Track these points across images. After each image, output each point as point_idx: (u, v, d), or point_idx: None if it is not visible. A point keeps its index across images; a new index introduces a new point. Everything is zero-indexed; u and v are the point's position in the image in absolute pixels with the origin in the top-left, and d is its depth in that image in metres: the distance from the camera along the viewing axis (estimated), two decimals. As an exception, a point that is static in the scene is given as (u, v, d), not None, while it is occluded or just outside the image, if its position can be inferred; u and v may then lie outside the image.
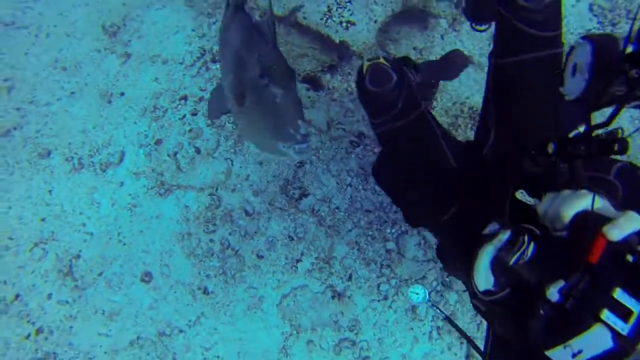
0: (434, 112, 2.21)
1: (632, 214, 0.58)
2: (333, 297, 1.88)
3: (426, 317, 1.89)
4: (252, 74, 0.97)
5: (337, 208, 2.00)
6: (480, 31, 1.46)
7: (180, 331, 1.87)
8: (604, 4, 2.80)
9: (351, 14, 2.13)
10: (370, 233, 1.95)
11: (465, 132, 2.13)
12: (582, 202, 0.63)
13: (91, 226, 2.01)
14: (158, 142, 2.19)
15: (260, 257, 1.98)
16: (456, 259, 1.08)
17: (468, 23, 1.51)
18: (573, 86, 0.84)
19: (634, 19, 0.69)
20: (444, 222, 1.04)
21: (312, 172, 2.06)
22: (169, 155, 2.15)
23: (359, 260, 1.93)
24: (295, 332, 1.86)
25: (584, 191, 0.65)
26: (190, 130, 2.19)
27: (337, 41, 2.10)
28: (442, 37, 2.74)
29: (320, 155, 2.10)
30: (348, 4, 2.13)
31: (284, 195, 2.05)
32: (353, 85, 2.12)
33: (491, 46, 1.11)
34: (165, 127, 2.23)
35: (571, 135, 0.83)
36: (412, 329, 1.86)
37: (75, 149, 2.17)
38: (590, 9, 2.82)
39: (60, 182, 2.08)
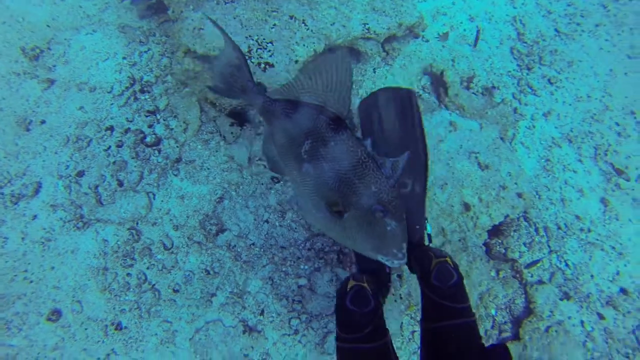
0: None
1: None
2: (244, 332, 1.94)
3: (334, 351, 1.99)
4: (363, 202, 0.99)
5: (253, 244, 2.07)
6: None
7: (87, 370, 1.86)
8: (521, 49, 3.07)
9: (271, 55, 2.12)
10: (284, 269, 2.04)
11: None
12: None
13: (-3, 262, 1.96)
14: (79, 173, 2.17)
15: (176, 291, 2.01)
16: None
17: None
18: None
19: None
20: None
21: (230, 207, 2.12)
22: (89, 188, 2.14)
23: (271, 295, 2.00)
24: (205, 367, 1.91)
25: None
26: (114, 163, 2.19)
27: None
28: (374, 70, 2.89)
29: (240, 191, 2.16)
30: (269, 45, 2.15)
31: (202, 230, 2.09)
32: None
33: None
34: (88, 158, 2.21)
35: None
36: (319, 362, 1.96)
37: (-15, 180, 2.11)
38: (511, 52, 3.08)
39: (-36, 216, 2.02)
